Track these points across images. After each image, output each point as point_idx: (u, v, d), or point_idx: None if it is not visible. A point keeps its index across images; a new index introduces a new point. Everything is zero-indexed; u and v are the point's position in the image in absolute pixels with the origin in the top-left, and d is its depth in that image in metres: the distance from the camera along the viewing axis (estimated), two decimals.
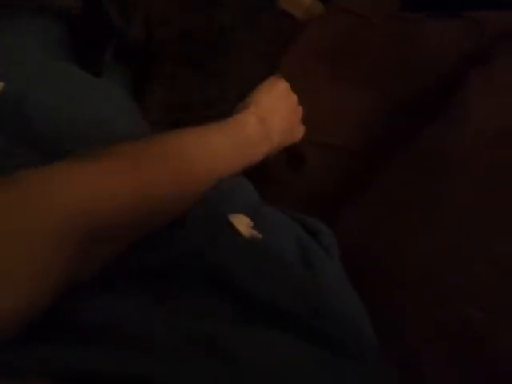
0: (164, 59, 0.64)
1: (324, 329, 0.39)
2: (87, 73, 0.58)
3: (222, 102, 0.64)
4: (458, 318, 0.50)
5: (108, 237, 0.38)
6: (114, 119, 0.55)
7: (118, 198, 0.38)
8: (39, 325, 0.32)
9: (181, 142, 0.47)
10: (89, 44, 0.61)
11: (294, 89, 0.63)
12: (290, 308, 0.39)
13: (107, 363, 0.29)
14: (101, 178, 0.38)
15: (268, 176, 0.69)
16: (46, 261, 0.32)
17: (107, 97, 0.58)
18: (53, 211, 0.33)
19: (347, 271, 0.51)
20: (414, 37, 0.77)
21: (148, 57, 0.65)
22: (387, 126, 0.75)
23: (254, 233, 0.47)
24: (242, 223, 0.47)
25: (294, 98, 0.63)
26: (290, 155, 0.74)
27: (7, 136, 0.48)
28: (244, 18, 0.68)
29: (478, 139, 0.57)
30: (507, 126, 0.58)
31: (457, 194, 0.56)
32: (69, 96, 0.54)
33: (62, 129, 0.50)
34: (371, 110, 0.77)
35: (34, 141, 0.48)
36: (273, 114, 0.57)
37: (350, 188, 0.70)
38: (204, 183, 0.47)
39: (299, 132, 0.66)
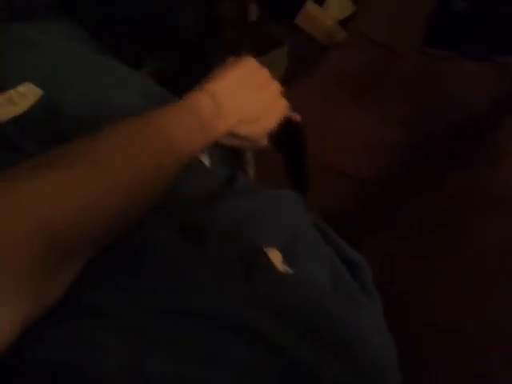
0: None
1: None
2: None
3: None
4: (483, 374, 0.48)
5: (83, 242, 0.34)
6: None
7: (83, 203, 0.35)
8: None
9: (140, 125, 0.44)
10: None
11: (313, 112, 0.60)
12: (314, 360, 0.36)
13: None
14: (66, 187, 0.34)
15: None
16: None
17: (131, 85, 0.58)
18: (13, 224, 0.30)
19: None
20: (442, 75, 0.76)
21: None
22: (404, 161, 0.73)
23: (286, 268, 0.46)
24: (276, 257, 0.46)
25: (264, 73, 0.57)
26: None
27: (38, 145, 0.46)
28: None
29: (510, 184, 0.56)
30: None
31: (487, 240, 0.54)
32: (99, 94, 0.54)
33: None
34: (389, 143, 0.74)
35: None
36: (230, 92, 0.52)
37: (361, 217, 0.67)
38: (160, 166, 0.44)
39: (278, 106, 0.59)
